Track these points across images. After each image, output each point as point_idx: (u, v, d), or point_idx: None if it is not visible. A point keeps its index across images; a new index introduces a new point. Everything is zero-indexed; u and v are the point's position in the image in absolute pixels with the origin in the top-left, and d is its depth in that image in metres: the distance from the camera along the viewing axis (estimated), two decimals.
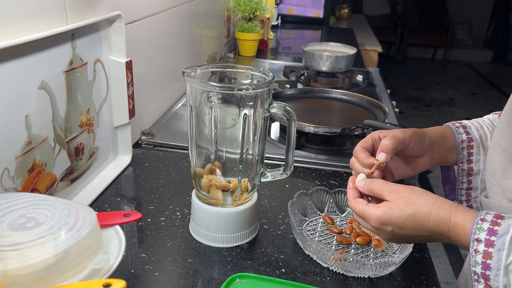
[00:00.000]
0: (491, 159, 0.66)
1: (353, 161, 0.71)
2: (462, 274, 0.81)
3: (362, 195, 0.65)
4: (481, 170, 0.76)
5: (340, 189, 0.85)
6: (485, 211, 0.55)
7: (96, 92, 0.87)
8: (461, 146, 0.75)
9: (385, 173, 0.71)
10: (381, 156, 0.66)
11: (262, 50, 2.21)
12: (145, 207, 0.84)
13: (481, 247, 0.52)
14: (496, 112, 0.82)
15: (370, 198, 0.66)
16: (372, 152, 0.70)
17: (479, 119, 0.81)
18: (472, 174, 0.76)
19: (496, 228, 0.52)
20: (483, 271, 0.52)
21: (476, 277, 0.53)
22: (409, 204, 0.58)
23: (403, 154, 0.71)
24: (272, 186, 0.94)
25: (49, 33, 0.69)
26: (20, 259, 0.47)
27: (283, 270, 0.70)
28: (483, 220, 0.53)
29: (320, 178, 0.99)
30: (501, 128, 0.65)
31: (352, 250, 0.75)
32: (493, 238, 0.51)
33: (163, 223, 0.80)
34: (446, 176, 0.82)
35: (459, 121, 0.79)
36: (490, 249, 0.51)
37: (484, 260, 0.51)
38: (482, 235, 0.52)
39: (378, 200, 0.63)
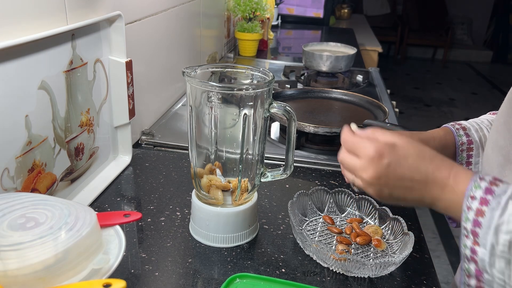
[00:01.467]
0: (488, 157, 0.66)
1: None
2: (459, 270, 0.81)
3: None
4: (480, 171, 0.76)
5: (340, 189, 0.85)
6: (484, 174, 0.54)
7: (96, 92, 0.87)
8: (460, 149, 0.76)
9: None
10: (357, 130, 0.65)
11: (262, 50, 2.21)
12: (145, 207, 0.84)
13: (475, 205, 0.51)
14: (494, 112, 0.82)
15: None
16: None
17: (477, 120, 0.81)
18: None
19: (493, 188, 0.51)
20: (473, 228, 0.51)
21: (465, 233, 0.52)
22: (415, 144, 0.58)
23: None
24: (272, 186, 0.94)
25: (49, 33, 0.69)
26: (20, 259, 0.47)
27: (283, 270, 0.70)
28: (482, 179, 0.53)
29: (320, 178, 0.99)
30: (498, 127, 0.65)
31: (352, 250, 0.75)
32: (489, 197, 0.51)
33: (163, 223, 0.80)
34: None
35: (458, 122, 0.79)
36: (484, 207, 0.50)
37: (476, 217, 0.51)
38: (478, 193, 0.51)
39: None
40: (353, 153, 0.60)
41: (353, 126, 0.65)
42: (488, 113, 0.83)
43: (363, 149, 0.58)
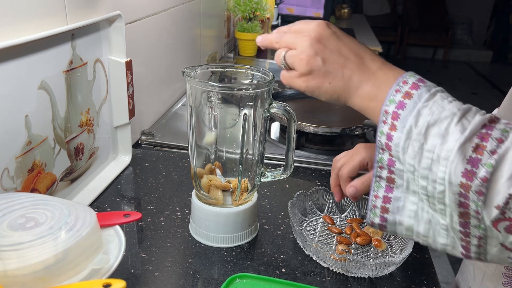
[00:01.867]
0: None
1: (333, 172, 0.72)
2: (460, 271, 0.81)
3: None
4: None
5: None
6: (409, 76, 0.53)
7: (96, 92, 0.87)
8: None
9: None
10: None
11: (262, 50, 2.21)
12: (145, 207, 0.84)
13: (405, 88, 0.50)
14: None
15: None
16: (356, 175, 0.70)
17: None
18: None
19: (426, 81, 0.51)
20: (396, 110, 0.50)
21: (384, 118, 0.50)
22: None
23: None
24: (272, 186, 0.94)
25: (49, 33, 0.69)
26: (20, 259, 0.47)
27: (283, 270, 0.70)
28: (416, 74, 0.52)
29: (320, 178, 0.99)
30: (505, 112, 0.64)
31: (352, 250, 0.75)
32: (420, 83, 0.51)
33: (163, 223, 0.80)
34: None
35: None
36: (413, 91, 0.50)
37: (402, 99, 0.50)
38: (412, 79, 0.51)
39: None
40: (297, 31, 0.58)
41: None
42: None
43: (310, 23, 0.56)
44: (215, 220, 0.73)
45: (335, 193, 0.73)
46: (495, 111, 0.81)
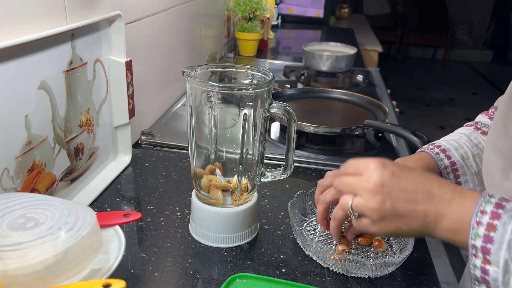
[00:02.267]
0: (488, 161, 0.66)
1: (319, 207, 0.69)
2: (463, 278, 0.80)
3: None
4: (471, 188, 0.75)
5: None
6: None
7: (96, 92, 0.87)
8: (446, 172, 0.75)
9: None
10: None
11: (262, 50, 2.21)
12: (145, 207, 0.84)
13: (485, 219, 0.49)
14: (470, 123, 0.82)
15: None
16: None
17: (454, 137, 0.79)
18: None
19: (504, 203, 0.49)
20: (483, 244, 0.48)
21: (474, 251, 0.49)
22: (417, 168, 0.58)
23: None
24: (272, 186, 0.94)
25: (49, 33, 0.69)
26: (20, 259, 0.47)
27: (283, 270, 0.70)
28: (491, 196, 0.51)
29: (320, 178, 0.98)
30: (497, 131, 0.64)
31: (353, 251, 0.75)
32: (500, 211, 0.48)
33: (163, 223, 0.80)
34: None
35: (436, 144, 0.78)
36: (495, 222, 0.48)
37: (487, 232, 0.48)
38: (489, 208, 0.49)
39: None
40: (354, 173, 0.58)
41: None
42: (465, 125, 0.83)
43: (365, 164, 0.56)
44: (215, 220, 0.73)
45: (322, 225, 0.70)
46: (466, 129, 0.81)
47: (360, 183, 0.55)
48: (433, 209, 0.53)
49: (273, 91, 0.97)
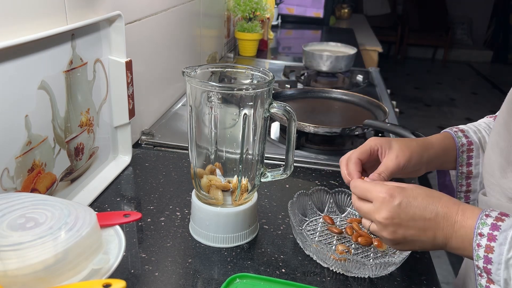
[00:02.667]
0: (489, 158, 0.66)
1: (342, 162, 0.71)
2: (460, 275, 0.81)
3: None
4: (480, 173, 0.76)
5: (340, 189, 0.85)
6: (490, 209, 0.55)
7: (96, 92, 0.87)
8: (461, 150, 0.75)
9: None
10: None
11: (262, 50, 2.21)
12: (145, 207, 0.84)
13: (484, 241, 0.52)
14: (491, 115, 0.82)
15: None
16: (366, 162, 0.71)
17: (475, 123, 0.81)
18: (471, 177, 0.76)
19: (499, 223, 0.52)
20: (485, 265, 0.52)
21: (479, 271, 0.53)
22: (422, 188, 0.60)
23: None
24: (272, 186, 0.94)
25: (49, 33, 0.69)
26: (20, 259, 0.47)
27: (283, 270, 0.70)
28: (487, 215, 0.54)
29: (320, 178, 0.99)
30: (497, 128, 0.65)
31: (352, 250, 0.75)
32: (495, 232, 0.52)
33: (163, 223, 0.80)
34: (442, 182, 0.82)
35: (456, 126, 0.79)
36: (492, 243, 0.51)
37: (486, 254, 0.52)
38: (485, 230, 0.52)
39: None
40: (365, 199, 0.62)
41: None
42: (486, 116, 0.83)
43: (374, 193, 0.60)
44: (215, 220, 0.73)
45: (350, 175, 0.70)
46: (487, 120, 0.81)
47: (372, 214, 0.60)
48: (440, 232, 0.57)
49: (273, 91, 0.97)
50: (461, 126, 0.79)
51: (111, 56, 0.90)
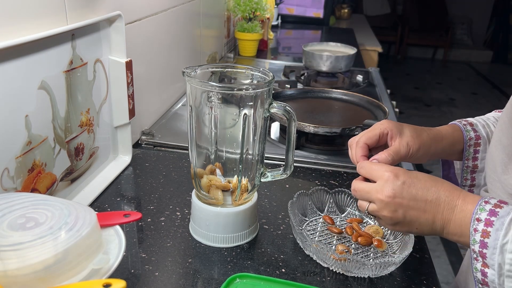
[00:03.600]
0: (491, 155, 0.67)
1: (351, 145, 0.71)
2: (460, 271, 0.81)
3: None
4: (485, 167, 0.76)
5: (340, 189, 0.85)
6: (490, 197, 0.56)
7: (96, 92, 0.87)
8: (468, 144, 0.76)
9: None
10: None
11: (262, 50, 2.21)
12: (145, 207, 0.84)
13: (481, 226, 0.53)
14: (499, 110, 0.82)
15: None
16: (374, 145, 0.71)
17: (483, 117, 0.81)
18: (476, 171, 0.76)
19: (497, 210, 0.53)
20: (480, 249, 0.53)
21: (474, 256, 0.54)
22: (425, 174, 0.61)
23: None
24: (272, 186, 0.94)
25: (49, 33, 0.69)
26: (20, 259, 0.47)
27: (283, 270, 0.70)
28: (487, 202, 0.55)
29: (320, 178, 0.99)
30: (502, 125, 0.65)
31: (352, 250, 0.75)
32: (493, 218, 0.53)
33: (163, 223, 0.80)
34: (446, 174, 0.82)
35: (465, 119, 0.79)
36: (489, 228, 0.52)
37: (482, 238, 0.53)
38: (483, 215, 0.53)
39: None
40: (370, 178, 0.63)
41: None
42: (494, 111, 0.83)
43: (379, 171, 0.61)
44: (215, 220, 0.73)
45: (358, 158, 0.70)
46: (495, 114, 0.81)
47: (374, 192, 0.61)
48: (440, 216, 0.58)
49: (273, 91, 0.98)
50: (470, 119, 0.79)
51: (111, 56, 0.90)
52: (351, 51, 1.75)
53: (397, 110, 1.54)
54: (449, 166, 0.82)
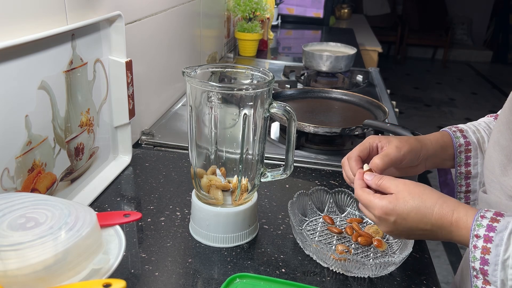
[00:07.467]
0: (490, 156, 0.66)
1: (344, 163, 0.73)
2: (459, 271, 0.81)
3: (368, 187, 0.66)
4: (479, 173, 0.76)
5: (340, 189, 0.85)
6: (485, 209, 0.55)
7: (96, 92, 0.87)
8: (458, 150, 0.76)
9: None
10: (367, 175, 0.67)
11: (262, 50, 2.21)
12: (145, 207, 0.84)
13: (480, 243, 0.52)
14: (492, 114, 0.83)
15: None
16: (367, 158, 0.72)
17: (474, 123, 0.81)
18: (470, 177, 0.76)
19: (495, 224, 0.53)
20: (481, 266, 0.52)
21: (475, 273, 0.54)
22: (415, 196, 0.59)
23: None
24: (272, 186, 0.94)
25: (49, 33, 0.69)
26: (20, 259, 0.47)
27: (283, 270, 0.70)
28: (483, 217, 0.54)
29: (320, 178, 0.99)
30: (500, 127, 0.65)
31: (352, 250, 0.75)
32: (491, 234, 0.52)
33: (163, 223, 0.80)
34: (443, 180, 0.82)
35: (455, 126, 0.80)
36: (489, 245, 0.52)
37: (482, 255, 0.52)
38: (481, 231, 0.53)
39: (383, 194, 0.64)
40: (368, 209, 0.65)
41: (366, 167, 0.70)
42: (487, 115, 0.83)
43: (372, 210, 0.63)
44: (215, 220, 0.73)
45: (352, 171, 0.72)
46: (487, 119, 0.81)
47: (376, 222, 0.64)
48: (441, 236, 0.59)
49: (273, 91, 0.98)
50: (460, 126, 0.79)
51: (111, 56, 0.90)
52: (351, 51, 1.75)
53: (397, 110, 1.54)
54: (445, 172, 0.82)
